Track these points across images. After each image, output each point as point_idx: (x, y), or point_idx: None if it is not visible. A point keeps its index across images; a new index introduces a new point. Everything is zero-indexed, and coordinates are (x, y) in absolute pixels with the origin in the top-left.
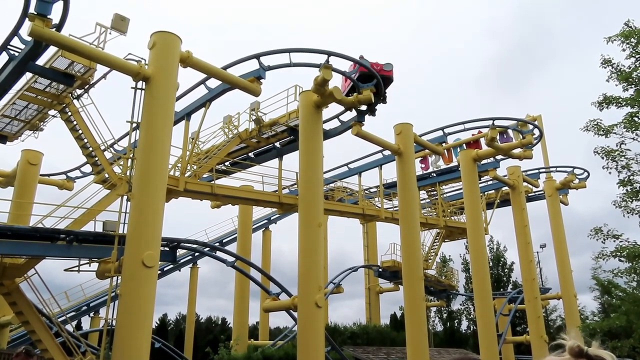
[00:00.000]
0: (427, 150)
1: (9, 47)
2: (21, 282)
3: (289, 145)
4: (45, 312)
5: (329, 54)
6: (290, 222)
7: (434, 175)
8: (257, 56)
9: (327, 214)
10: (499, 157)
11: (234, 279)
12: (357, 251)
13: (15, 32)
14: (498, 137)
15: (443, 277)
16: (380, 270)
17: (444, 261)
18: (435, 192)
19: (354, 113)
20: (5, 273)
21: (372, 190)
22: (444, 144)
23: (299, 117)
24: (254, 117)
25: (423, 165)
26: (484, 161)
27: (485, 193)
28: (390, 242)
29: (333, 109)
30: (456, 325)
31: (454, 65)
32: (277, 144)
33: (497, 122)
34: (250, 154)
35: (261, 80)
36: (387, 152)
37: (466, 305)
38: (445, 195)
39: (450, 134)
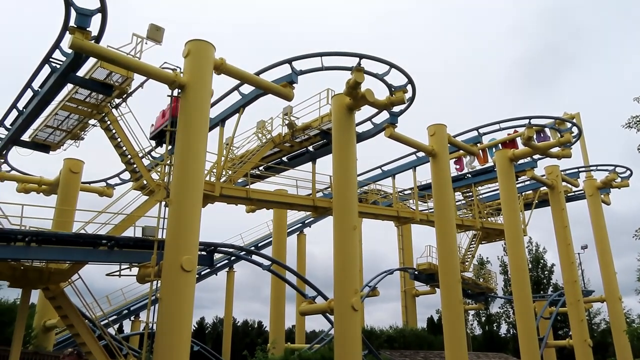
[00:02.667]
0: (461, 151)
1: (51, 59)
2: (65, 287)
3: (322, 148)
4: (88, 315)
5: (361, 56)
6: (324, 225)
7: (469, 176)
8: (289, 61)
9: (361, 217)
10: (536, 156)
11: (268, 283)
12: (391, 254)
13: (56, 45)
14: (535, 136)
15: (481, 280)
16: (416, 273)
17: (482, 263)
18: (470, 193)
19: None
20: (50, 278)
21: (406, 192)
22: (478, 145)
23: (331, 121)
24: (286, 122)
25: (458, 166)
26: (520, 161)
27: (523, 193)
28: (426, 245)
29: (365, 111)
30: (495, 328)
31: (480, 66)
32: (311, 148)
33: (533, 121)
34: (284, 158)
35: (293, 85)
36: (421, 154)
37: (505, 308)
38: (481, 196)
39: (485, 134)
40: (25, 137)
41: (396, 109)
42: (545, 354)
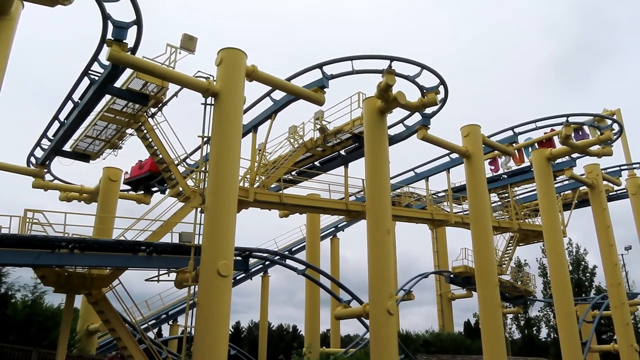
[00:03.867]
0: (496, 152)
1: (89, 72)
2: (107, 292)
3: (354, 152)
4: (128, 320)
5: (392, 59)
6: (357, 229)
7: (505, 176)
8: (319, 66)
9: (395, 220)
10: (575, 155)
11: (302, 287)
12: (424, 256)
13: (95, 58)
14: (573, 134)
15: (519, 283)
16: (451, 276)
17: (519, 266)
18: (507, 194)
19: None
20: (93, 283)
21: (440, 194)
22: (514, 144)
23: (363, 124)
24: (318, 126)
25: (493, 167)
26: (558, 160)
27: (562, 193)
28: (461, 247)
29: (397, 113)
30: (535, 332)
31: (511, 64)
32: (343, 152)
33: (571, 119)
34: (316, 163)
35: (325, 90)
36: (454, 155)
37: (545, 312)
38: (517, 197)
39: (520, 133)
40: (67, 147)
41: (428, 110)
42: (588, 358)
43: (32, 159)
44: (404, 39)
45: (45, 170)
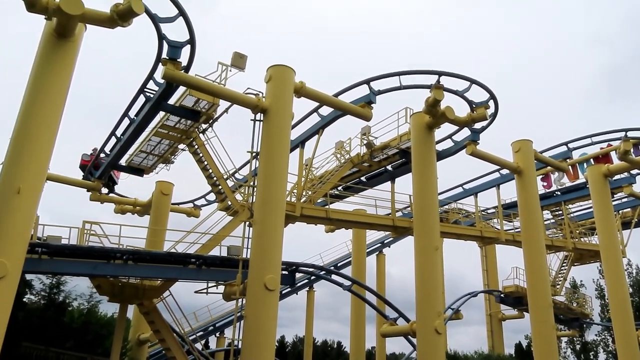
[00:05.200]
0: (549, 168)
1: (145, 89)
2: (158, 303)
3: (401, 167)
4: (177, 330)
5: (440, 73)
6: (404, 245)
7: (559, 193)
8: (367, 81)
9: (443, 237)
10: (634, 171)
11: (346, 302)
12: (472, 274)
13: (150, 76)
14: (632, 150)
15: (574, 304)
16: (502, 295)
17: (575, 287)
18: (560, 212)
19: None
20: (145, 294)
21: (489, 211)
22: (568, 160)
23: (410, 139)
24: (365, 142)
25: (545, 184)
26: (616, 177)
27: (620, 211)
28: (512, 266)
29: (446, 128)
30: (592, 357)
31: (562, 78)
32: (389, 167)
33: (630, 133)
34: (363, 178)
35: (372, 105)
36: (504, 171)
37: (603, 336)
38: (572, 215)
39: (575, 148)
40: (122, 161)
41: (478, 125)
42: None
43: (91, 173)
44: (451, 52)
45: (102, 184)
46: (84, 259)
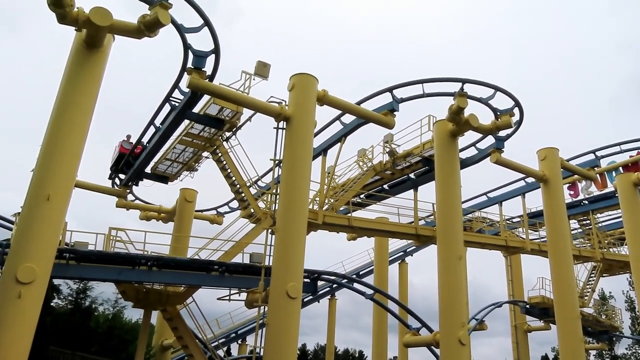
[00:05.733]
0: (576, 176)
1: (170, 98)
2: (181, 309)
3: (424, 175)
4: (200, 337)
5: (464, 81)
6: (426, 254)
7: (586, 202)
8: (390, 89)
9: (466, 246)
10: None
11: (367, 311)
12: (496, 284)
13: (175, 85)
14: None
15: (603, 317)
16: (527, 306)
17: (604, 298)
18: (588, 221)
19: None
20: (168, 300)
21: (514, 220)
22: (596, 168)
23: (433, 147)
24: (387, 149)
25: (572, 192)
26: None
27: None
28: (538, 276)
29: (469, 136)
30: None
31: (588, 84)
32: (412, 175)
33: None
34: (385, 186)
35: (394, 113)
36: (530, 180)
37: (634, 350)
38: (600, 225)
39: (603, 157)
40: (148, 169)
41: (502, 133)
42: None
43: (117, 181)
44: (475, 59)
45: (128, 191)
46: (110, 264)
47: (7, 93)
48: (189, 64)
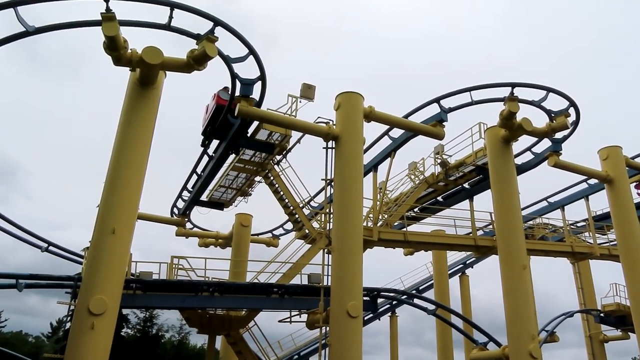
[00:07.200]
0: None
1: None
2: (244, 333)
3: (478, 184)
4: None
5: (513, 85)
6: (487, 265)
7: None
8: (437, 100)
9: (530, 255)
10: None
11: (429, 327)
12: (562, 293)
13: (226, 114)
14: None
15: None
16: (601, 315)
17: None
18: None
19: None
20: (231, 325)
21: (579, 224)
22: None
23: (486, 155)
24: (439, 161)
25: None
26: None
27: None
28: (610, 282)
29: (523, 141)
30: None
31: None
32: (466, 185)
33: None
34: (439, 198)
35: (443, 123)
36: (592, 181)
37: None
38: None
39: None
40: (203, 197)
41: (559, 135)
42: None
43: (175, 210)
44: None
45: (187, 220)
46: (174, 292)
47: (74, 134)
48: (237, 92)
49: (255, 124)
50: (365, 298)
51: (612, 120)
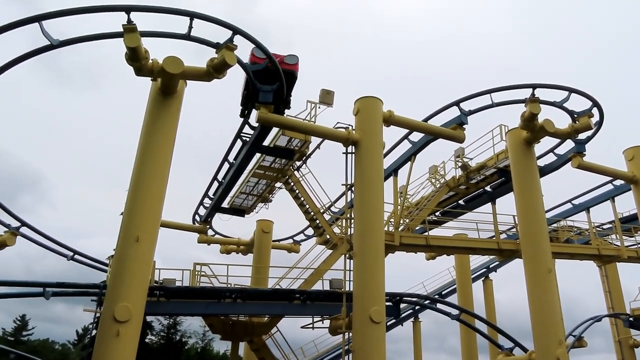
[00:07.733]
0: None
1: (242, 134)
2: (266, 339)
3: (500, 187)
4: None
5: (534, 86)
6: (511, 269)
7: None
8: (456, 103)
9: (555, 258)
10: None
11: (452, 332)
12: (588, 297)
13: (245, 121)
14: None
15: None
16: (631, 319)
17: None
18: None
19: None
20: (254, 331)
21: (605, 226)
22: None
23: (508, 157)
24: (460, 164)
25: None
26: None
27: None
28: (639, 286)
29: (546, 142)
30: None
31: None
32: (488, 188)
33: None
34: (461, 202)
35: (464, 126)
36: (618, 182)
37: None
38: None
39: None
40: (225, 204)
41: (582, 136)
42: None
43: (197, 217)
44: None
45: (208, 227)
46: (197, 299)
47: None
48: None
49: (275, 130)
50: (387, 303)
51: (637, 119)
